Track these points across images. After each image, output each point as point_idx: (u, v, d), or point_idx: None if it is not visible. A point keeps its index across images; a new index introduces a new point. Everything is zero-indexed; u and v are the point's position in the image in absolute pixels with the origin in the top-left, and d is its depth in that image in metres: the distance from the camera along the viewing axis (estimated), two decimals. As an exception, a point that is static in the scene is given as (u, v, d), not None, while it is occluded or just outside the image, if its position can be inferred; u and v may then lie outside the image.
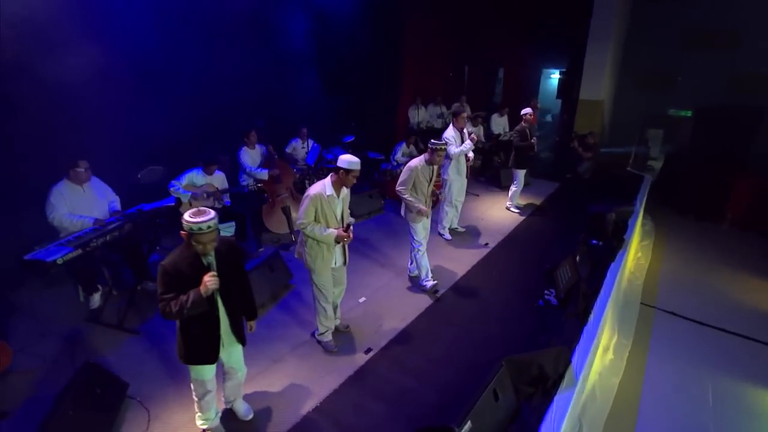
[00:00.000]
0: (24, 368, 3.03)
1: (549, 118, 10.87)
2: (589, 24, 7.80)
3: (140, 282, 3.98)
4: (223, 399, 2.69)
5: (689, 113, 8.80)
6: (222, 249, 2.25)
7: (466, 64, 9.29)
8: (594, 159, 7.40)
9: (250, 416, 2.69)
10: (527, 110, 5.80)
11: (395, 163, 6.79)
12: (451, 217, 5.29)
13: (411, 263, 4.34)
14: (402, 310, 3.84)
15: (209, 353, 2.27)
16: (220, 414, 2.61)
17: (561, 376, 2.87)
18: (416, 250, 4.10)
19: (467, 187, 5.30)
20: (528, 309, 3.85)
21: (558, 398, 2.67)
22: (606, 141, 8.96)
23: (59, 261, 2.95)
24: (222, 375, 2.58)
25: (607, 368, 3.61)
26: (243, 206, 4.91)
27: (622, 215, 4.87)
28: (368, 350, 3.32)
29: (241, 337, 2.43)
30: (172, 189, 4.21)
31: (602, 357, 3.72)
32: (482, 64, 9.38)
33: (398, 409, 2.75)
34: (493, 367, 2.61)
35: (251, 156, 4.96)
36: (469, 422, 2.26)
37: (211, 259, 2.17)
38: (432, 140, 3.86)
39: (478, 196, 6.82)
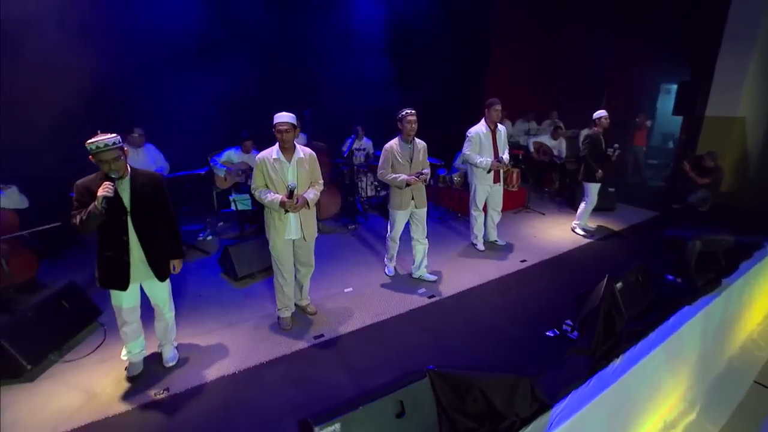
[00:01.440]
0: (49, 282, 3.62)
1: (671, 144, 8.69)
2: (723, 19, 6.04)
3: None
4: (163, 352, 2.68)
5: None
6: (140, 180, 2.29)
7: (562, 75, 8.22)
8: (713, 187, 5.57)
9: (171, 364, 2.62)
10: (601, 113, 4.71)
11: (455, 170, 6.31)
12: (480, 224, 4.53)
13: (412, 263, 3.92)
14: (382, 307, 3.35)
15: (118, 278, 2.29)
16: (144, 351, 2.62)
17: (525, 421, 2.08)
18: (389, 236, 3.84)
19: (534, 204, 4.50)
20: (534, 337, 2.97)
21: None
22: (755, 169, 6.70)
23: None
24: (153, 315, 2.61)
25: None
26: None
27: (713, 245, 3.47)
28: (318, 336, 2.96)
29: (160, 272, 2.41)
30: (211, 163, 4.65)
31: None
32: (581, 75, 8.17)
33: (295, 407, 2.31)
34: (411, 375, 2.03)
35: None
36: (338, 425, 1.76)
37: (125, 186, 2.24)
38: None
39: (543, 214, 5.80)
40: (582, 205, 5.00)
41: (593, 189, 4.88)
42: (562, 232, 5.15)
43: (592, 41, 7.49)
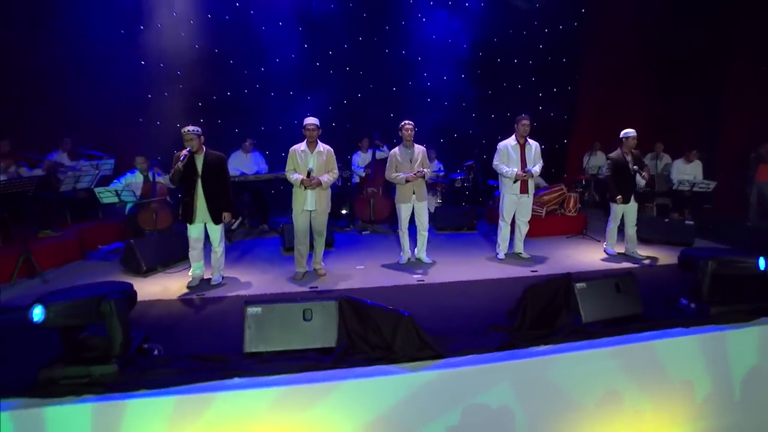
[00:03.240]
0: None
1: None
2: None
3: (262, 222, 5.97)
4: (212, 267, 3.92)
5: None
6: (211, 157, 3.60)
7: (668, 99, 7.31)
8: None
9: (214, 284, 3.80)
10: (629, 132, 4.45)
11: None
12: (505, 235, 4.64)
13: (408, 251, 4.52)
14: (375, 281, 3.94)
15: (188, 215, 3.60)
16: (201, 273, 3.87)
17: (413, 358, 2.44)
18: (399, 229, 4.42)
19: (595, 232, 4.78)
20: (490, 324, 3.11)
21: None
22: None
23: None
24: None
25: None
26: (348, 190, 6.35)
27: (732, 269, 2.89)
28: (314, 287, 3.77)
29: (215, 217, 3.64)
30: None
31: None
32: (691, 97, 7.04)
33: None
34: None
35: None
36: (260, 309, 2.53)
37: (200, 159, 3.57)
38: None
39: (599, 241, 5.34)
40: (608, 225, 4.79)
41: (616, 209, 4.66)
42: (597, 254, 4.79)
43: (704, 59, 6.61)
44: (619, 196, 4.57)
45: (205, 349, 2.52)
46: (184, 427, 2.10)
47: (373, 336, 2.55)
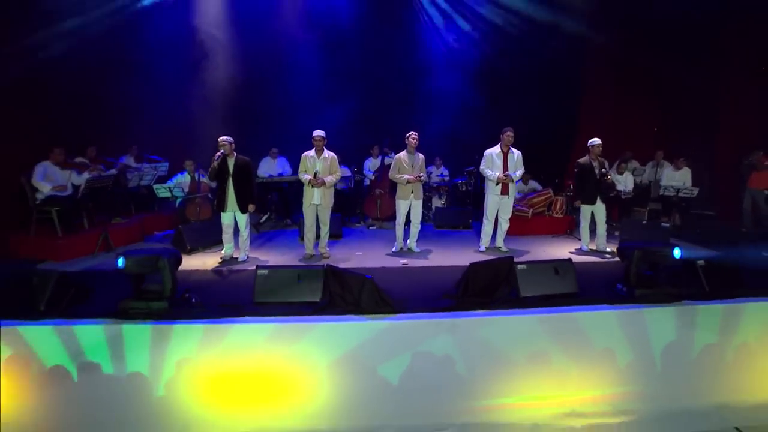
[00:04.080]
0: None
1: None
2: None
3: (286, 217, 6.97)
4: (238, 248, 4.91)
5: None
6: (239, 160, 4.58)
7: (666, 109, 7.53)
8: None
9: (241, 261, 4.78)
10: (594, 140, 5.01)
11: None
12: (488, 231, 5.28)
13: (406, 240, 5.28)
14: (369, 263, 4.74)
15: (221, 205, 4.60)
16: (231, 253, 4.84)
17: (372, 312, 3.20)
18: (396, 223, 5.15)
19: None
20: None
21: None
22: None
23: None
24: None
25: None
26: (357, 191, 7.23)
27: (653, 258, 3.38)
28: (311, 257, 4.69)
29: (242, 208, 4.61)
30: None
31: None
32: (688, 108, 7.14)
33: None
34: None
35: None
36: (267, 271, 3.42)
37: (232, 162, 4.56)
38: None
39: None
40: (580, 224, 5.36)
41: (584, 210, 5.22)
42: (571, 250, 5.32)
43: (699, 70, 6.85)
44: (578, 201, 5.19)
45: (226, 301, 3.44)
46: (208, 347, 3.01)
47: (347, 295, 3.35)
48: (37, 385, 2.95)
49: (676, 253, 3.36)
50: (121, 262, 2.99)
